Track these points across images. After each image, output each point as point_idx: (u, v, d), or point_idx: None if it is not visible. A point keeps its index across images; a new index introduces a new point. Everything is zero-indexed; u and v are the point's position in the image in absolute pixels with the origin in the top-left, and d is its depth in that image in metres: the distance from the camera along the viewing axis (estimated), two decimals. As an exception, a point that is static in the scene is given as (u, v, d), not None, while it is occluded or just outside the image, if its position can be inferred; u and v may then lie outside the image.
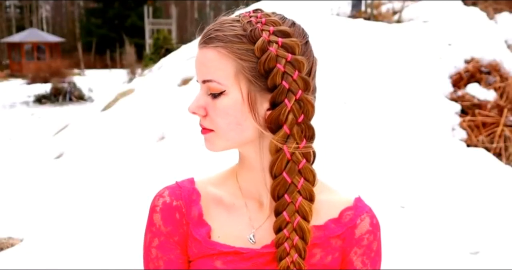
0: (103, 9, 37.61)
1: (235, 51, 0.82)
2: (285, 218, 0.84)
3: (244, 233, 0.90)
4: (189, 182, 0.96)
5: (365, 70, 5.40)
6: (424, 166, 4.20)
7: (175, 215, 0.91)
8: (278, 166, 0.83)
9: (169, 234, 0.91)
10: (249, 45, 0.82)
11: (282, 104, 0.82)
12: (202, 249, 0.89)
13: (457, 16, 6.68)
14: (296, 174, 0.84)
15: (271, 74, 0.82)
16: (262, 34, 0.82)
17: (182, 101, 5.67)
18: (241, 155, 0.92)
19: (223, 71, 0.83)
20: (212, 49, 0.83)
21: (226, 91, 0.83)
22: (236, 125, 0.84)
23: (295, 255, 0.84)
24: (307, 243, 0.85)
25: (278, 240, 0.85)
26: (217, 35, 0.83)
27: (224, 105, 0.84)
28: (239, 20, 0.85)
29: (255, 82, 0.83)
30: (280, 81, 0.82)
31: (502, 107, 5.24)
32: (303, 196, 0.84)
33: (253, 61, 0.82)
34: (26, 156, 7.09)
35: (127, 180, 4.58)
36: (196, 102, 0.86)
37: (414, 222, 3.61)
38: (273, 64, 0.81)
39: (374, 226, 0.92)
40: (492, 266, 3.25)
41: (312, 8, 7.69)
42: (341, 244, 0.90)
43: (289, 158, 0.83)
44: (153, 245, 0.92)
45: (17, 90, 20.27)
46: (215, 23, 0.86)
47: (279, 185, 0.84)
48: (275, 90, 0.82)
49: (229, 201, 0.92)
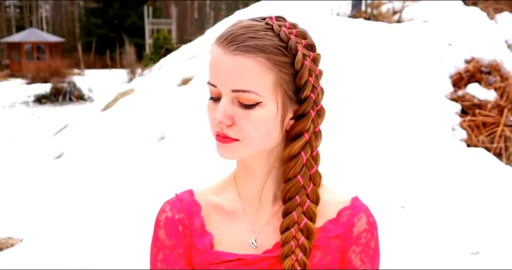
0: (103, 9, 37.57)
1: (278, 64, 0.82)
2: (294, 218, 0.86)
3: (246, 238, 0.92)
4: (189, 194, 0.97)
5: (365, 70, 5.40)
6: (424, 166, 4.20)
7: (178, 228, 0.94)
8: (294, 170, 0.86)
9: (173, 247, 0.94)
10: (288, 58, 0.83)
11: (308, 115, 0.86)
12: (205, 259, 0.91)
13: (457, 16, 6.68)
14: (307, 178, 0.87)
15: (305, 87, 0.84)
16: (298, 48, 0.83)
17: (182, 101, 5.67)
18: (243, 161, 0.92)
19: (263, 83, 0.82)
20: (251, 59, 0.81)
21: (262, 102, 0.82)
22: (266, 136, 0.85)
23: (300, 254, 0.86)
24: (311, 244, 0.87)
25: (284, 239, 0.86)
26: (256, 44, 0.81)
27: (260, 116, 0.83)
28: (271, 28, 0.84)
29: (290, 94, 0.84)
30: (309, 94, 0.85)
31: (502, 107, 5.24)
32: (310, 199, 0.87)
33: (291, 73, 0.83)
34: (26, 156, 7.08)
35: (127, 180, 4.58)
36: (224, 111, 0.83)
37: (414, 222, 3.61)
38: (307, 78, 0.84)
39: (371, 225, 0.93)
40: (492, 266, 3.25)
41: (312, 8, 7.68)
42: (339, 243, 0.91)
43: (305, 163, 0.87)
44: (158, 259, 0.95)
45: (17, 90, 20.25)
46: (242, 27, 0.83)
47: (292, 187, 0.87)
48: (304, 102, 0.85)
49: (229, 208, 0.94)
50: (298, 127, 0.86)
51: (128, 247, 3.41)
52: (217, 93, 0.85)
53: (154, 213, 0.99)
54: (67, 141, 6.89)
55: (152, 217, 1.01)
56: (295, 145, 0.86)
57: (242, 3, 30.38)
